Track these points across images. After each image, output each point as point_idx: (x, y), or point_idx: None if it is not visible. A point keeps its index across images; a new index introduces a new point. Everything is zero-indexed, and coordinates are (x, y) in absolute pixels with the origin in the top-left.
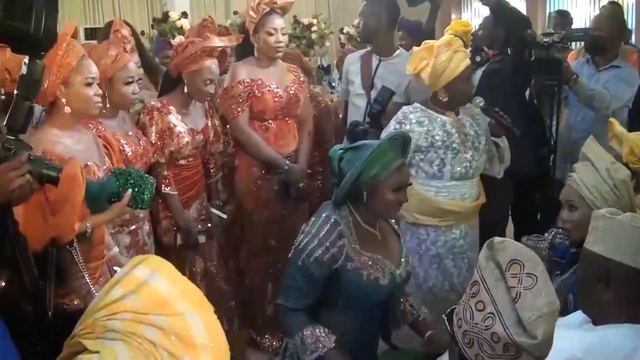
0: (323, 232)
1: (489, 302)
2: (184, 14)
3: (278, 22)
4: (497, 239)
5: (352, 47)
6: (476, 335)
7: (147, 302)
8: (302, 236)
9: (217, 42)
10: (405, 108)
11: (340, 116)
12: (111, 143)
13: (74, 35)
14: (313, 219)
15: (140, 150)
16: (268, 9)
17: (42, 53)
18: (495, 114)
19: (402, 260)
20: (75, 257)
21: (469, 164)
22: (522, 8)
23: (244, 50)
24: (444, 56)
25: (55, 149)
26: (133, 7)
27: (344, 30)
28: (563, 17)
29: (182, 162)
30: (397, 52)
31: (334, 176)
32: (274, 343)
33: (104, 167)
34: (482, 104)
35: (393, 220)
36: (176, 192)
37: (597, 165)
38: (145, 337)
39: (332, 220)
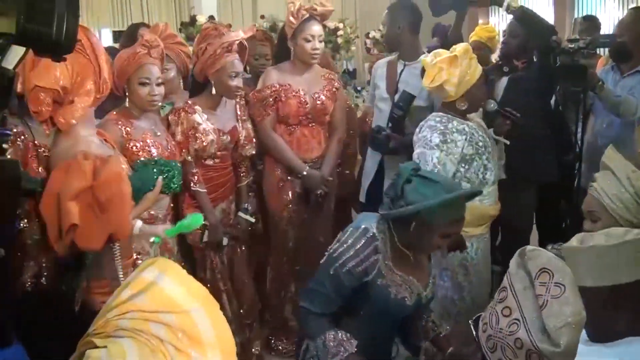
0: (360, 245)
1: (516, 308)
2: (211, 18)
3: (316, 29)
4: (529, 247)
5: (378, 52)
6: (500, 340)
7: (155, 301)
8: (337, 244)
9: (233, 36)
10: (437, 117)
11: (369, 122)
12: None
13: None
14: (351, 228)
15: (167, 153)
16: (307, 15)
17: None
18: (507, 113)
19: (430, 281)
20: (115, 253)
21: (497, 166)
22: (550, 13)
23: (281, 54)
24: (465, 65)
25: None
26: (161, 11)
27: (370, 35)
28: (590, 23)
29: (209, 162)
30: (422, 56)
31: (392, 189)
32: (289, 346)
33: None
34: (495, 106)
35: None
36: (205, 190)
37: (618, 174)
38: (152, 334)
39: (370, 234)
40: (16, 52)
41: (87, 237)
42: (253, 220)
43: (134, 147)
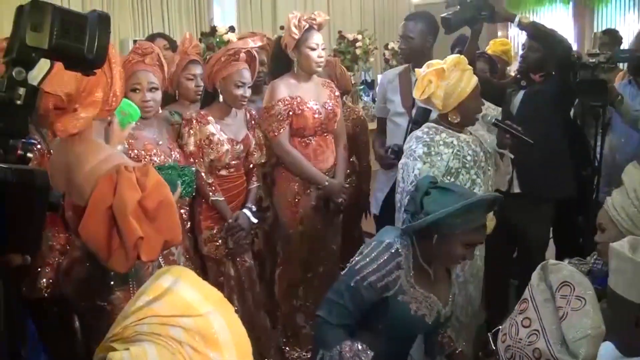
0: (382, 260)
1: (536, 319)
2: (232, 28)
3: (318, 38)
4: (551, 261)
5: (396, 63)
6: (518, 350)
7: (172, 306)
8: (359, 257)
9: (240, 44)
10: (425, 129)
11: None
12: None
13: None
14: (374, 242)
15: (171, 161)
16: (308, 26)
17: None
18: (508, 127)
19: (450, 299)
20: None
21: (491, 182)
22: (570, 26)
23: (279, 67)
24: (454, 78)
25: None
26: (181, 21)
27: (389, 46)
28: (611, 36)
29: (223, 172)
30: None
31: (412, 204)
32: (303, 355)
33: None
34: (493, 119)
35: None
36: (224, 198)
37: (627, 187)
38: (170, 337)
39: (394, 249)
40: (41, 67)
41: (150, 249)
42: (256, 221)
43: (135, 158)
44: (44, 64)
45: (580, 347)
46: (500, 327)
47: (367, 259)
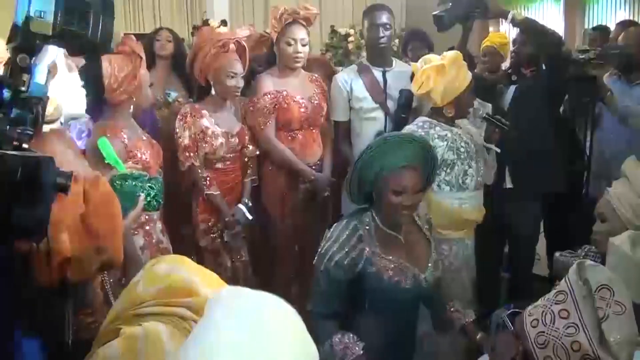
0: (343, 237)
1: (575, 313)
2: (224, 22)
3: (298, 32)
4: (589, 261)
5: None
6: (554, 339)
7: (172, 290)
8: (324, 242)
9: (228, 34)
10: (419, 123)
11: None
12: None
13: None
14: (335, 224)
15: (155, 154)
16: (291, 20)
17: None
18: (497, 121)
19: (430, 265)
20: (105, 278)
21: (482, 173)
22: (561, 23)
23: (270, 61)
24: (453, 73)
25: None
26: (173, 15)
27: None
28: (601, 33)
29: (219, 165)
30: (394, 61)
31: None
32: None
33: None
34: (484, 113)
35: (427, 226)
36: (219, 192)
37: (632, 180)
38: (173, 314)
39: (352, 225)
40: (51, 53)
41: (79, 269)
42: (250, 217)
43: (133, 158)
44: (52, 50)
45: (622, 350)
46: (515, 309)
47: (330, 241)
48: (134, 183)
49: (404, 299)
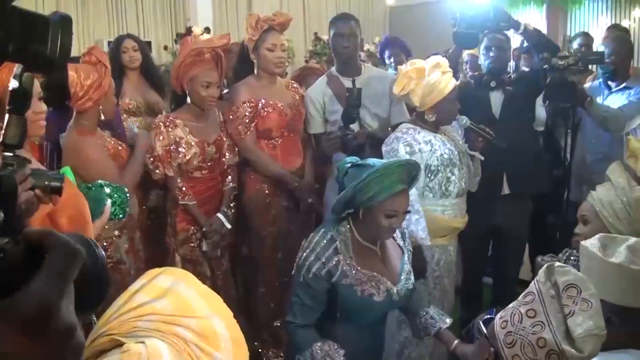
0: (320, 248)
1: (542, 312)
2: (207, 29)
3: (277, 38)
4: (558, 263)
5: (372, 64)
6: (521, 337)
7: (175, 307)
8: (301, 252)
9: (202, 43)
10: (404, 129)
11: None
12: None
13: None
14: (312, 234)
15: (124, 163)
16: (267, 27)
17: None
18: (481, 130)
19: (402, 277)
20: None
21: (465, 180)
22: (543, 28)
23: (243, 70)
24: (434, 77)
25: None
26: (157, 22)
27: (365, 48)
28: (583, 38)
29: (196, 174)
30: (363, 68)
31: (339, 189)
32: (278, 358)
33: None
34: (468, 123)
35: (399, 236)
36: (195, 202)
37: (615, 184)
38: (175, 334)
39: (329, 236)
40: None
41: None
42: (229, 226)
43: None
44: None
45: (586, 343)
46: (490, 315)
47: (307, 251)
48: (100, 190)
49: (374, 311)
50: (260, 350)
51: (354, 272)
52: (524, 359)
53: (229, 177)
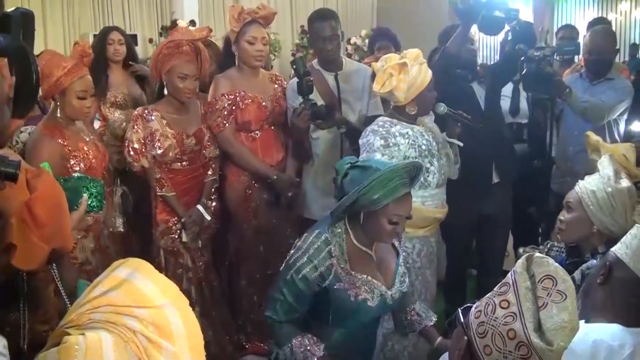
0: (313, 250)
1: (515, 303)
2: (192, 22)
3: (258, 31)
4: (537, 254)
5: (358, 58)
6: (492, 327)
7: (128, 297)
8: (293, 251)
9: (180, 35)
10: (380, 122)
11: None
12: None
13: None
14: (306, 234)
15: (100, 156)
16: (250, 19)
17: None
18: (459, 116)
19: (396, 281)
20: (54, 274)
21: (444, 170)
22: (530, 20)
23: (227, 62)
24: (415, 70)
25: None
26: (142, 15)
27: (351, 41)
28: (568, 31)
29: (176, 166)
30: (344, 62)
31: (337, 190)
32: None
33: None
34: (446, 109)
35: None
36: (173, 193)
37: (602, 173)
38: (124, 325)
39: (324, 238)
40: None
41: (25, 257)
42: (209, 218)
43: (75, 158)
44: None
45: (556, 336)
46: (470, 304)
47: (300, 252)
48: (77, 182)
49: (367, 315)
50: (245, 343)
51: (347, 276)
52: (494, 350)
53: (210, 169)
